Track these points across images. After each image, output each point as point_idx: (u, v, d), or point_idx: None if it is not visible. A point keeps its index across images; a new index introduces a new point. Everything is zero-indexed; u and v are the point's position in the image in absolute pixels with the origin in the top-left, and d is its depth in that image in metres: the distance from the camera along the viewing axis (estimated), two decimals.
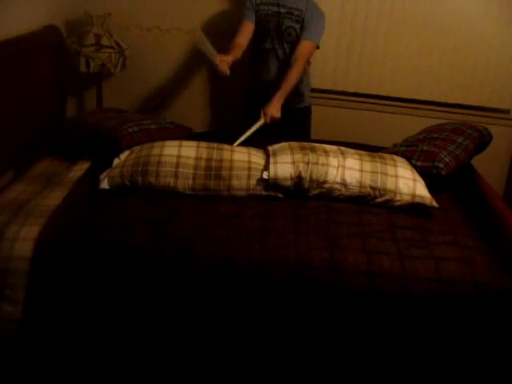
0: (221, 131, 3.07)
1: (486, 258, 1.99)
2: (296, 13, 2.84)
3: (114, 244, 1.93)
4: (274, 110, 2.76)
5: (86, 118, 2.70)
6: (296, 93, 2.96)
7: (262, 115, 2.76)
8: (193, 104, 3.54)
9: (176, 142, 2.40)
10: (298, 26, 2.86)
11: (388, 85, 3.43)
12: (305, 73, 3.00)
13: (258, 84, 3.02)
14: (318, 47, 2.92)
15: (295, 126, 3.05)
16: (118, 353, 1.96)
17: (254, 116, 2.95)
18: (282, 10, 2.84)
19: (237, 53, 2.81)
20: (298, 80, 2.88)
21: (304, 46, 2.84)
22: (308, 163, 2.27)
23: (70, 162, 2.53)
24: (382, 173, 2.30)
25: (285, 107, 2.92)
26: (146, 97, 3.50)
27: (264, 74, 2.97)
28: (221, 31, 3.25)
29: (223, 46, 3.22)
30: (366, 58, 3.37)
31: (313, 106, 3.22)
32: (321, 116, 3.41)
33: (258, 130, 2.74)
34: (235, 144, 2.57)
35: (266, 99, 2.90)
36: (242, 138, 2.65)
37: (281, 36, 2.88)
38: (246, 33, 2.88)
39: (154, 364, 1.94)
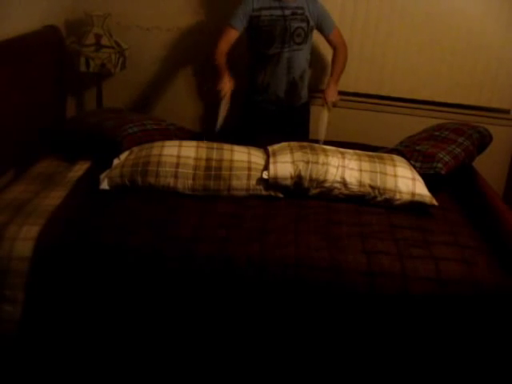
0: (220, 131, 3.06)
1: (486, 258, 1.99)
2: (299, 12, 2.84)
3: (114, 244, 1.93)
4: (335, 94, 2.92)
5: (85, 118, 2.70)
6: (296, 91, 2.98)
7: (325, 103, 2.90)
8: (193, 104, 3.54)
9: (176, 142, 2.40)
10: (304, 25, 2.86)
11: (388, 85, 3.43)
12: (308, 69, 3.01)
13: (259, 88, 2.98)
14: None
15: (296, 123, 3.06)
16: (118, 353, 1.96)
17: (253, 118, 2.97)
18: (287, 12, 2.82)
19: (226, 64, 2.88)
20: (345, 63, 3.02)
21: (336, 35, 2.98)
22: (308, 162, 2.28)
23: (70, 162, 2.53)
24: (381, 172, 2.30)
25: (285, 105, 2.94)
26: (145, 97, 3.49)
27: (267, 79, 2.95)
28: (221, 31, 3.25)
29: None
30: (366, 58, 3.37)
31: (313, 106, 3.22)
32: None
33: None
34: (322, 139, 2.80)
35: (268, 103, 2.92)
36: (323, 133, 2.84)
37: (289, 38, 2.85)
38: (231, 42, 2.87)
39: (154, 364, 1.94)
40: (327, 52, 3.28)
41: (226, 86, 2.83)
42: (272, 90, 2.95)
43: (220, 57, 2.85)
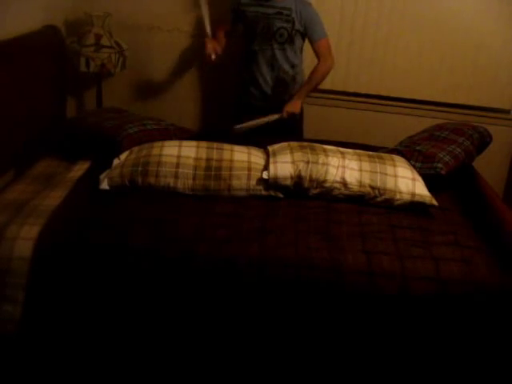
0: (220, 131, 3.07)
1: (486, 258, 1.99)
2: (285, 12, 2.84)
3: (114, 244, 1.93)
4: (294, 106, 2.89)
5: (85, 118, 2.70)
6: (286, 89, 2.98)
7: (283, 111, 2.89)
8: (193, 104, 3.54)
9: (176, 142, 2.40)
10: (289, 26, 2.85)
11: (388, 85, 3.43)
12: (299, 71, 3.01)
13: (247, 85, 3.02)
14: None
15: (289, 124, 3.05)
16: (118, 353, 1.96)
17: (243, 116, 2.98)
18: (271, 11, 2.84)
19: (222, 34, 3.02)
20: (324, 77, 2.95)
21: (321, 46, 2.91)
22: (308, 162, 2.28)
23: (70, 162, 2.52)
24: (381, 172, 2.30)
25: (278, 105, 2.94)
26: (145, 97, 3.50)
27: (252, 75, 2.97)
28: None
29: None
30: (366, 58, 3.37)
31: (313, 106, 3.21)
32: (320, 116, 3.41)
33: (266, 124, 2.89)
34: (237, 126, 2.81)
35: (256, 99, 2.93)
36: (247, 124, 2.85)
37: (270, 37, 2.87)
38: (223, 30, 3.03)
39: (154, 364, 1.94)
40: None
41: (210, 45, 2.91)
42: (259, 86, 2.96)
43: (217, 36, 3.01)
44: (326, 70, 2.94)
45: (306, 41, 2.96)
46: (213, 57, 2.86)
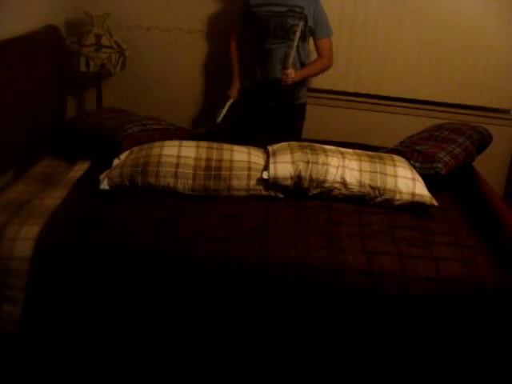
0: (221, 131, 3.07)
1: (486, 258, 1.99)
2: (298, 10, 2.86)
3: (114, 244, 1.93)
4: (293, 73, 2.87)
5: (85, 118, 2.70)
6: (295, 89, 2.98)
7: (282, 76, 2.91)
8: (193, 104, 3.54)
9: (176, 142, 2.41)
10: (301, 24, 2.87)
11: (388, 85, 3.43)
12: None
13: (256, 84, 3.03)
14: None
15: (290, 122, 3.07)
16: (118, 352, 1.96)
17: (253, 115, 2.97)
18: (283, 9, 2.85)
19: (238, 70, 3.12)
20: (319, 72, 3.07)
21: (324, 43, 2.98)
22: (308, 162, 2.28)
23: (70, 162, 2.53)
24: (381, 172, 2.30)
25: (282, 103, 2.94)
26: (145, 97, 3.50)
27: (262, 74, 2.98)
28: (221, 31, 3.25)
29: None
30: (366, 58, 3.37)
31: (313, 106, 3.21)
32: (320, 116, 3.41)
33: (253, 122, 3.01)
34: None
35: (265, 98, 2.93)
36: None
37: (284, 34, 2.88)
38: (235, 35, 3.11)
39: (154, 364, 1.94)
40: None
41: (234, 93, 3.05)
42: (271, 84, 2.96)
43: (230, 51, 3.09)
44: (325, 68, 3.05)
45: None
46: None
